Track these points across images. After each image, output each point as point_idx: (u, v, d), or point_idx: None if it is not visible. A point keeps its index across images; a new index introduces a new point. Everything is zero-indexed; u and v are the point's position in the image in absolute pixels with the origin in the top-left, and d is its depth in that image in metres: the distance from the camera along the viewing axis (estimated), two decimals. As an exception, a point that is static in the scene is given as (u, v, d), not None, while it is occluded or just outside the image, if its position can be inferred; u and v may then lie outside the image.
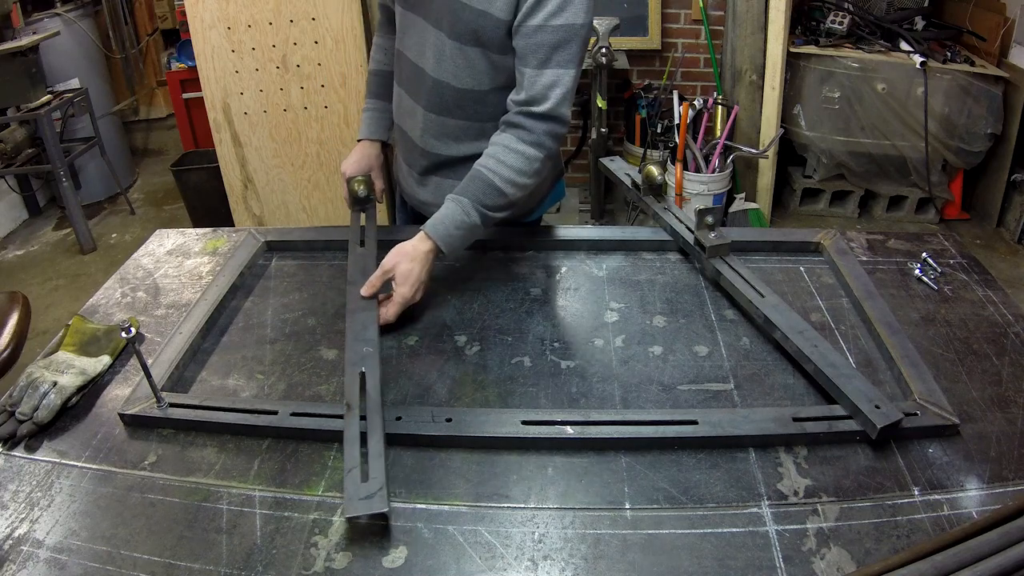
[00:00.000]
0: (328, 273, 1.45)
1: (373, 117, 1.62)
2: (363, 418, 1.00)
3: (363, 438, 0.97)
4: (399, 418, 1.02)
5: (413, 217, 1.66)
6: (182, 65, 4.30)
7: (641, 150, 3.60)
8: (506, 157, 1.28)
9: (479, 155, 1.37)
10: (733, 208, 3.63)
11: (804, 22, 3.80)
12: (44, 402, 1.07)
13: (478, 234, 1.32)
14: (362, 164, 1.59)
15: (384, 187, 1.63)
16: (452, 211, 1.28)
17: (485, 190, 1.28)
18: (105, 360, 1.18)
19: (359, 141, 1.63)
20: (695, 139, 3.46)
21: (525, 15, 1.23)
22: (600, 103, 3.38)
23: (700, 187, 3.45)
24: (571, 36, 1.24)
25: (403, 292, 1.25)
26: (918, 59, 3.42)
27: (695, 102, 3.43)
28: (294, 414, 1.04)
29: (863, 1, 3.83)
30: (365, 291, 1.26)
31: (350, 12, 3.00)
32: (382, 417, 1.00)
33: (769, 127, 3.53)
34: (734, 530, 0.88)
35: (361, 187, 1.54)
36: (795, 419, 1.01)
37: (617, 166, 1.74)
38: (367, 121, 1.63)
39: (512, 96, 1.31)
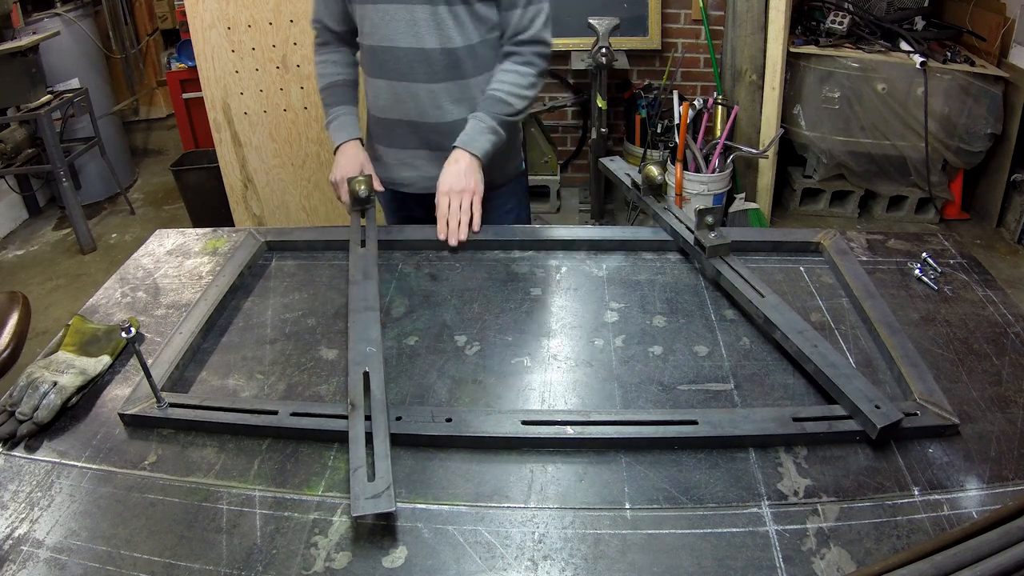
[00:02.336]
0: (328, 273, 1.45)
1: (348, 121, 1.68)
2: (367, 418, 1.00)
3: (368, 438, 0.97)
4: (399, 418, 1.02)
5: (402, 210, 1.76)
6: (182, 65, 4.30)
7: (641, 150, 3.61)
8: (506, 77, 1.57)
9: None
10: (733, 208, 3.64)
11: (804, 22, 3.80)
12: (44, 402, 1.07)
13: (500, 135, 1.57)
14: (354, 164, 1.62)
15: (378, 181, 1.65)
16: (473, 125, 1.55)
17: (493, 103, 1.55)
18: (105, 360, 1.18)
19: (340, 145, 1.65)
20: (695, 139, 3.46)
21: None
22: (600, 103, 3.39)
23: (700, 187, 3.45)
24: None
25: (438, 194, 1.51)
26: (918, 59, 3.42)
27: (695, 102, 3.43)
28: (294, 414, 1.04)
29: (863, 1, 3.83)
30: (453, 240, 1.48)
31: (350, 12, 3.00)
32: (387, 417, 1.00)
33: (769, 127, 3.53)
34: (734, 530, 0.88)
35: (362, 187, 1.54)
36: (795, 419, 1.01)
37: (617, 166, 1.74)
38: (344, 125, 1.67)
39: (504, 37, 1.58)
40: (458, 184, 1.50)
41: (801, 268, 1.42)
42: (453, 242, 1.47)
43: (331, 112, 1.69)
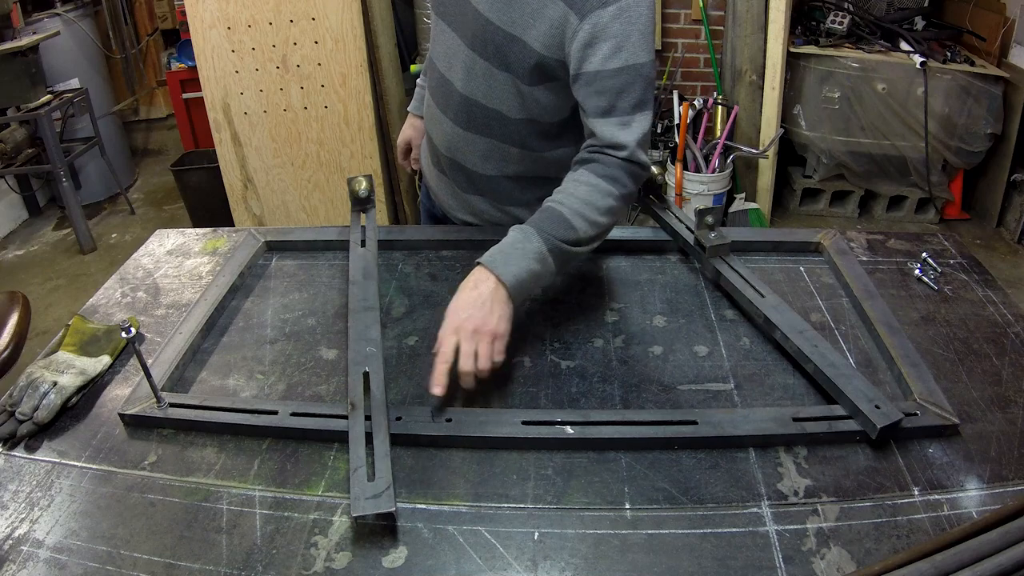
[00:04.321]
0: (328, 273, 1.45)
1: (422, 95, 1.67)
2: (367, 418, 1.00)
3: (368, 438, 0.97)
4: (399, 418, 1.02)
5: (438, 216, 1.69)
6: (182, 65, 4.30)
7: (641, 150, 3.60)
8: (576, 189, 1.15)
9: (505, 177, 1.40)
10: (733, 208, 3.64)
11: (804, 22, 3.81)
12: (44, 402, 1.07)
13: (548, 267, 1.12)
14: (406, 133, 1.72)
15: (418, 155, 1.71)
16: (512, 240, 1.12)
17: (552, 221, 1.13)
18: (105, 360, 1.18)
19: (408, 113, 1.74)
20: (695, 139, 3.46)
21: (579, 62, 1.13)
22: (600, 103, 3.38)
23: (700, 187, 3.45)
24: (633, 78, 1.12)
25: (443, 327, 1.06)
26: (918, 59, 3.42)
27: (695, 102, 3.44)
28: (294, 414, 1.04)
29: (863, 1, 3.83)
30: (439, 390, 1.01)
31: (350, 12, 3.00)
32: (387, 417, 1.00)
33: (769, 127, 3.53)
34: (734, 530, 0.88)
35: (362, 187, 1.54)
36: (795, 419, 1.01)
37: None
38: (417, 96, 1.70)
39: (584, 143, 1.22)
40: (471, 319, 1.04)
41: (801, 268, 1.42)
42: (439, 391, 1.01)
43: (420, 79, 1.69)
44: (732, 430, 0.99)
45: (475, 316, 1.05)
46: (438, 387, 1.01)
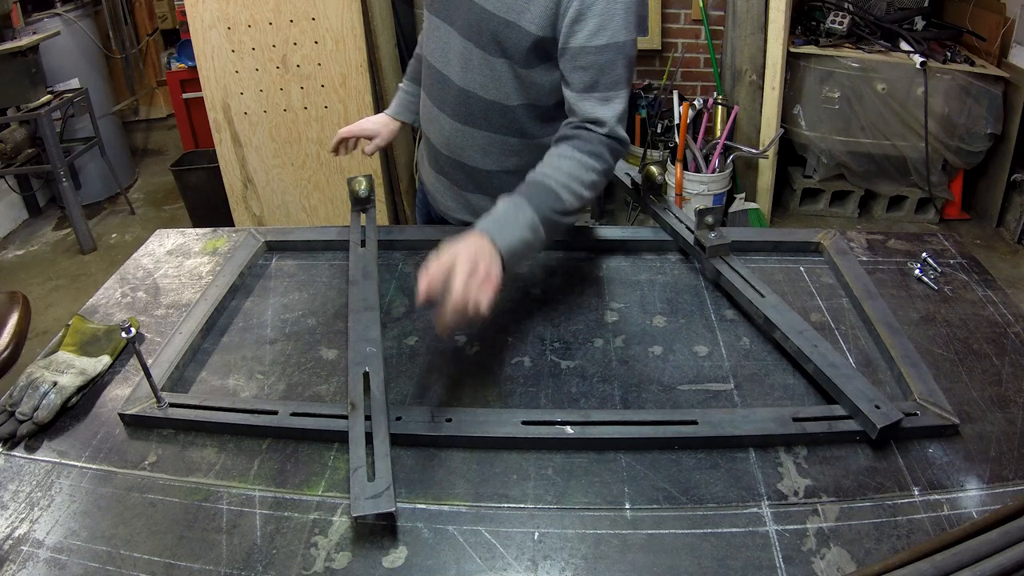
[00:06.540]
0: (328, 273, 1.45)
1: (403, 99, 1.64)
2: (367, 418, 1.00)
3: (368, 438, 0.97)
4: (399, 418, 1.02)
5: (434, 220, 1.67)
6: (182, 65, 4.30)
7: (641, 150, 3.61)
8: (560, 163, 1.18)
9: (505, 171, 1.38)
10: (733, 208, 3.64)
11: (804, 22, 3.80)
12: (44, 402, 1.07)
13: (538, 236, 1.12)
14: (367, 124, 1.60)
15: (382, 144, 1.61)
16: (504, 209, 1.12)
17: (541, 191, 1.14)
18: (105, 360, 1.18)
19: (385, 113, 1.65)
20: (695, 139, 3.46)
21: (566, 37, 1.18)
22: (600, 103, 3.38)
23: (700, 187, 3.45)
24: (616, 56, 1.18)
25: (475, 271, 1.00)
26: (918, 59, 3.42)
27: (695, 102, 3.43)
28: (294, 414, 1.04)
29: (863, 1, 3.83)
30: (422, 297, 1.00)
31: (350, 12, 3.00)
32: (387, 417, 1.00)
33: (769, 127, 3.53)
34: (734, 530, 0.88)
35: (362, 187, 1.54)
36: (795, 419, 1.01)
37: (617, 166, 1.74)
38: (397, 100, 1.64)
39: (566, 119, 1.25)
40: (471, 256, 1.00)
41: (801, 268, 1.42)
42: (421, 300, 0.99)
43: (402, 83, 1.66)
44: (732, 430, 0.99)
45: (474, 255, 1.00)
46: (424, 295, 0.98)
